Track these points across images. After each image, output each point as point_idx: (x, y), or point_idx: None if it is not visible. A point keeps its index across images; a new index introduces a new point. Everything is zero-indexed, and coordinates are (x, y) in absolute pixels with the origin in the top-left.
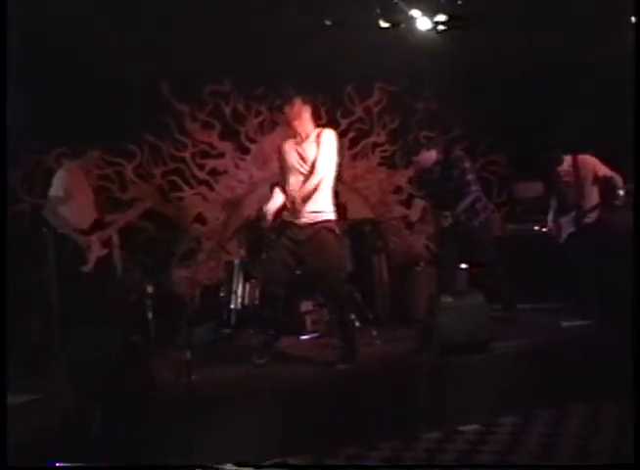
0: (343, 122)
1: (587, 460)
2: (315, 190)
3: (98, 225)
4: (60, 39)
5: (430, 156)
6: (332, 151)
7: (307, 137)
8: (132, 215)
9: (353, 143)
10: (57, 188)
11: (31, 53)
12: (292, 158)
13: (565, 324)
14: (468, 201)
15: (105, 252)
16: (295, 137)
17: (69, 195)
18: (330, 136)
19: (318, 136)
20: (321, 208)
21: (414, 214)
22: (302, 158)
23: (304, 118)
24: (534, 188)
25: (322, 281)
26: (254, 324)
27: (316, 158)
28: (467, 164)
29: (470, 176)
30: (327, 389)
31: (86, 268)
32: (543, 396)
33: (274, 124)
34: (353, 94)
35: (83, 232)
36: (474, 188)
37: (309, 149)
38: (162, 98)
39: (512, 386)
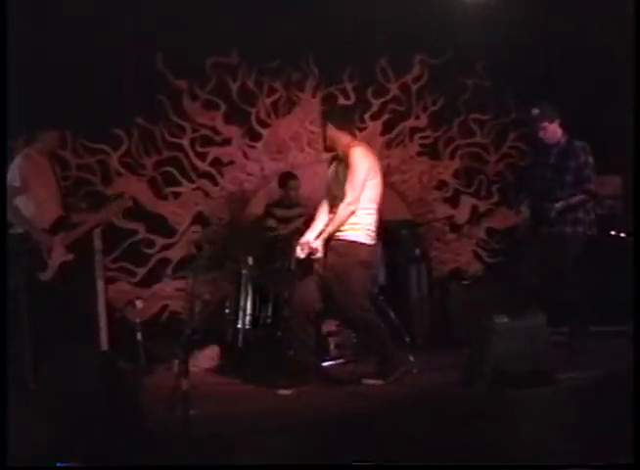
0: (375, 103)
1: None
2: (348, 215)
3: (62, 224)
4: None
5: (555, 130)
6: (364, 171)
7: (344, 157)
8: (109, 214)
9: (387, 128)
10: (12, 177)
11: None
12: (329, 179)
13: None
14: (577, 200)
15: (69, 257)
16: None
17: (27, 186)
18: (361, 155)
19: (350, 155)
20: (354, 235)
21: (461, 215)
22: (338, 180)
23: (339, 141)
24: (613, 184)
25: (346, 312)
26: (267, 347)
27: (349, 180)
28: (589, 159)
29: (588, 173)
30: (354, 427)
31: (44, 276)
32: (618, 441)
33: (291, 104)
34: (388, 68)
35: (44, 231)
36: (592, 188)
37: (342, 171)
38: (156, 72)
39: (579, 428)
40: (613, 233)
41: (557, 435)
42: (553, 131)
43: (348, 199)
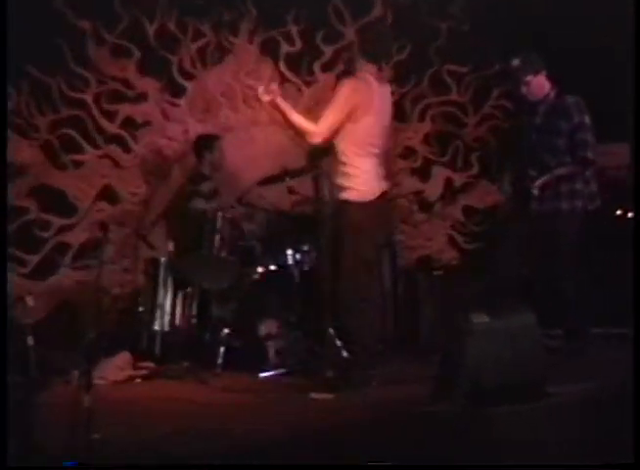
0: (327, 50)
1: None
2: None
3: None
4: None
5: (541, 84)
6: (345, 99)
7: None
8: None
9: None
10: None
11: None
12: None
13: None
14: (564, 171)
15: None
16: None
17: None
18: (350, 85)
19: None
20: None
21: (433, 190)
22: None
23: None
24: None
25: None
26: (190, 355)
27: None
28: (585, 118)
29: (584, 135)
30: (298, 452)
31: None
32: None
33: (222, 52)
34: (342, 8)
35: None
36: (589, 155)
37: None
38: (52, 9)
39: (575, 448)
40: (619, 212)
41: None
42: (538, 85)
43: (312, 127)
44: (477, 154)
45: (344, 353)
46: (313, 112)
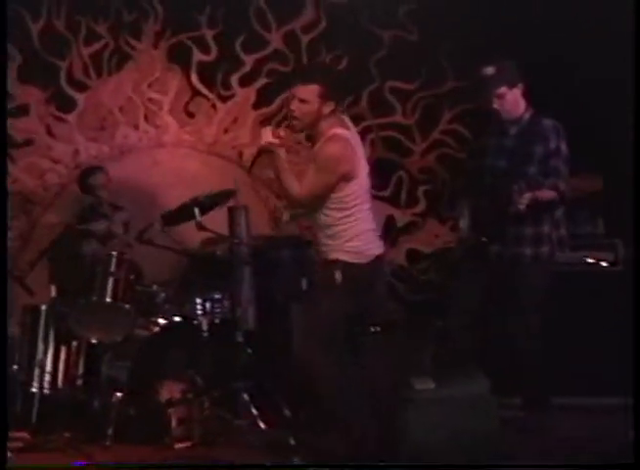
0: (248, 59)
1: None
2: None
3: None
4: None
5: (516, 100)
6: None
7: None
8: None
9: (264, 97)
10: None
11: None
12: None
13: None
14: (544, 196)
15: None
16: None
17: None
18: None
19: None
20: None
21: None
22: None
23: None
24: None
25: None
26: (74, 423)
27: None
28: (562, 145)
29: (558, 164)
30: None
31: None
32: None
33: (121, 57)
34: (267, 9)
35: None
36: (561, 185)
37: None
38: None
39: None
40: (590, 260)
41: None
42: (513, 101)
43: (296, 191)
44: (424, 187)
45: (261, 424)
46: (231, 131)
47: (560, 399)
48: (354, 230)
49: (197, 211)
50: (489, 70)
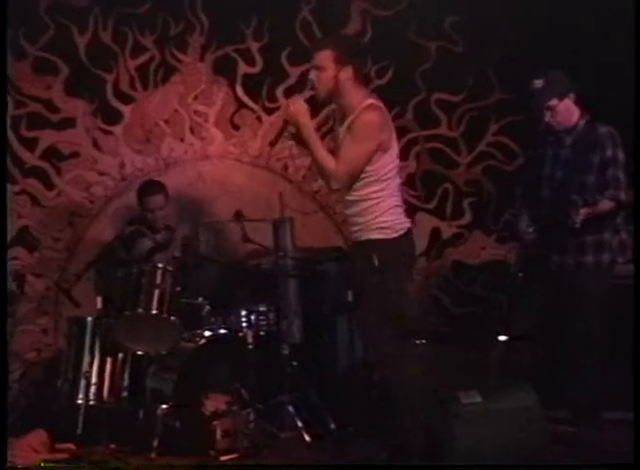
0: (293, 71)
1: None
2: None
3: None
4: None
5: (569, 110)
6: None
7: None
8: None
9: (310, 109)
10: None
11: None
12: None
13: None
14: (605, 208)
15: None
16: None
17: None
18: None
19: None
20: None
21: (416, 241)
22: None
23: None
24: None
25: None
26: (119, 435)
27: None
28: (619, 152)
29: (619, 173)
30: None
31: None
32: None
33: (167, 70)
34: (312, 20)
35: None
36: (622, 196)
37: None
38: None
39: None
40: None
41: None
42: (566, 111)
43: (333, 167)
44: (469, 200)
45: (307, 437)
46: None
47: (612, 414)
48: (385, 205)
49: (242, 224)
50: (538, 83)
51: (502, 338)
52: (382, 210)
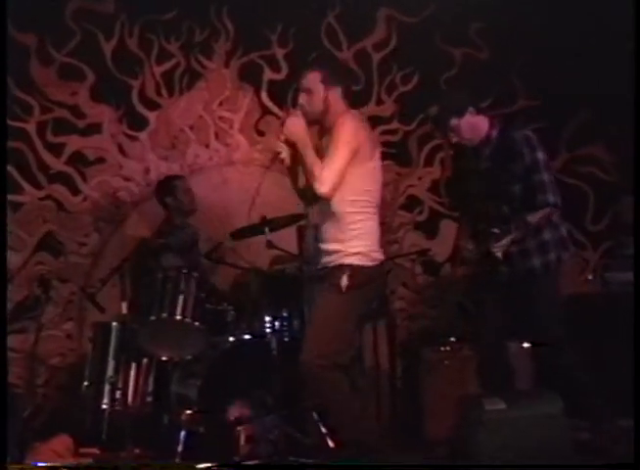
0: None
1: None
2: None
3: None
4: None
5: (474, 125)
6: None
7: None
8: None
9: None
10: None
11: None
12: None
13: None
14: (539, 216)
15: None
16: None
17: None
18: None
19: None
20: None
21: (442, 248)
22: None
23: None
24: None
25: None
26: (144, 440)
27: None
28: (538, 154)
29: (542, 176)
30: None
31: None
32: None
33: (192, 76)
34: (338, 27)
35: None
36: (550, 199)
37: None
38: None
39: None
40: None
41: None
42: (470, 127)
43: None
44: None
45: (330, 443)
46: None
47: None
48: (364, 229)
49: (266, 229)
50: (433, 110)
51: (525, 344)
52: (361, 233)
